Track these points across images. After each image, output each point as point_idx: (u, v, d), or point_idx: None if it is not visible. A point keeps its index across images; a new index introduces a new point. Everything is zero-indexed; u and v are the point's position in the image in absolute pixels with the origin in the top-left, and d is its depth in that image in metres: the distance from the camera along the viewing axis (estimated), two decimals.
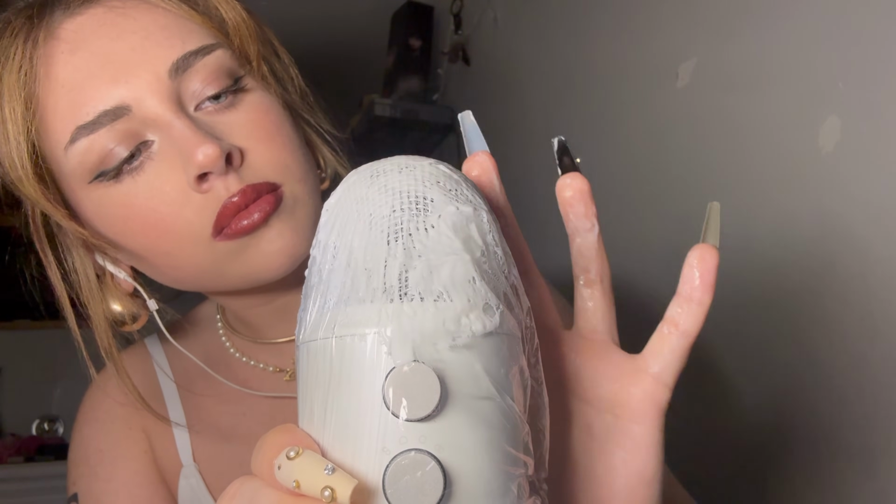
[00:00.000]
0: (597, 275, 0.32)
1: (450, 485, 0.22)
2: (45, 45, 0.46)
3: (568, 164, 0.31)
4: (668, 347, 0.31)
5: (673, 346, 0.31)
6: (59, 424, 2.32)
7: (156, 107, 0.46)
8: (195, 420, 0.58)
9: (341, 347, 0.23)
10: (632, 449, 0.31)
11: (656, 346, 0.31)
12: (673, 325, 0.31)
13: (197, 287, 0.53)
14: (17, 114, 0.45)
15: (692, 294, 0.30)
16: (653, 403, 0.31)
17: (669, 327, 0.31)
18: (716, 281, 0.29)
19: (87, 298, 0.52)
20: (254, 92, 0.50)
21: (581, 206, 0.31)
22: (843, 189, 0.76)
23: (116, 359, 0.53)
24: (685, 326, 0.30)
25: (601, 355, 0.33)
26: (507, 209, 0.32)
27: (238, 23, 0.50)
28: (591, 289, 0.33)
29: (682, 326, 0.30)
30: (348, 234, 0.25)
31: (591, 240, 0.32)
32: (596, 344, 0.33)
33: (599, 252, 0.32)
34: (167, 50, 0.46)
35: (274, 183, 0.47)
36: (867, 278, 0.73)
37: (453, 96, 1.84)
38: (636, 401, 0.31)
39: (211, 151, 0.44)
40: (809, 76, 0.81)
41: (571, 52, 1.30)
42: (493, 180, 0.31)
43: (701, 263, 0.29)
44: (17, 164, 0.46)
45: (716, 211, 0.31)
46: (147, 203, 0.46)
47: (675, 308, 0.31)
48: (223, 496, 0.24)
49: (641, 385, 0.31)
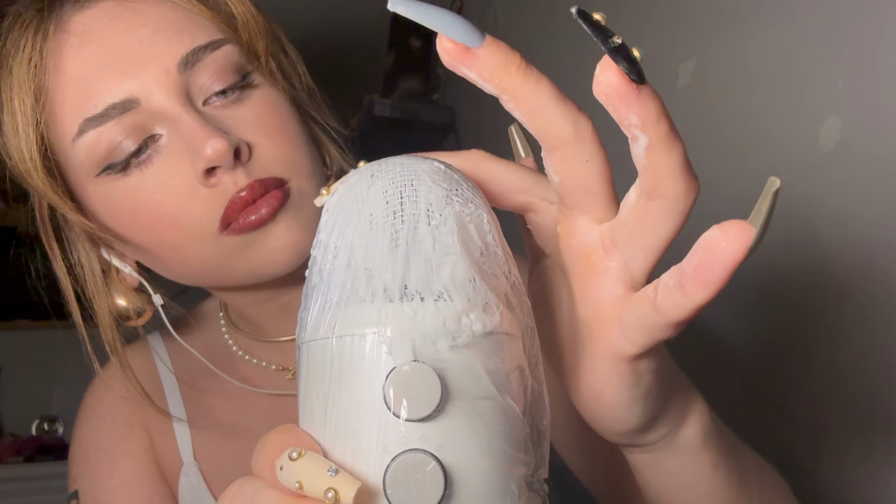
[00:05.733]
0: (643, 189, 0.25)
1: (450, 485, 0.22)
2: (55, 38, 0.47)
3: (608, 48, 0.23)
4: (643, 312, 0.26)
5: (648, 316, 0.25)
6: (59, 424, 2.32)
7: (164, 100, 0.46)
8: (196, 417, 0.58)
9: (341, 347, 0.23)
10: (592, 368, 0.29)
11: (636, 302, 0.26)
12: (653, 298, 0.25)
13: (203, 282, 0.53)
14: (26, 106, 0.46)
15: (682, 281, 0.23)
16: (612, 351, 0.28)
17: (653, 293, 0.25)
18: (727, 275, 0.22)
19: (93, 293, 0.53)
20: (261, 88, 0.50)
21: (612, 111, 0.24)
22: (843, 189, 0.76)
23: (121, 353, 0.53)
24: (663, 310, 0.24)
25: (597, 273, 0.28)
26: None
27: (247, 18, 0.50)
28: (634, 200, 0.26)
29: (661, 308, 0.25)
30: (349, 234, 0.25)
31: (635, 152, 0.25)
32: (601, 256, 0.28)
33: (647, 168, 0.24)
34: (176, 44, 0.47)
35: (281, 178, 0.48)
36: (867, 278, 0.73)
37: (453, 96, 1.84)
38: (601, 340, 0.28)
39: (219, 145, 0.44)
40: (809, 76, 0.81)
41: (571, 52, 1.30)
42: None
43: (708, 251, 0.22)
44: (25, 156, 0.46)
45: (771, 188, 0.23)
46: (154, 197, 0.46)
47: (665, 280, 0.24)
48: (223, 496, 0.24)
49: (608, 331, 0.28)
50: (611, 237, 0.27)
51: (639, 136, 0.24)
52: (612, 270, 0.27)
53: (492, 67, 0.24)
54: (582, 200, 0.27)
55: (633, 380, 0.29)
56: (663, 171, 0.24)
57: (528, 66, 0.25)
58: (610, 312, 0.27)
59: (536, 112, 0.25)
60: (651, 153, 0.24)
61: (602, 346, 0.28)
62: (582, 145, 0.26)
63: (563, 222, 0.29)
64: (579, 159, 0.26)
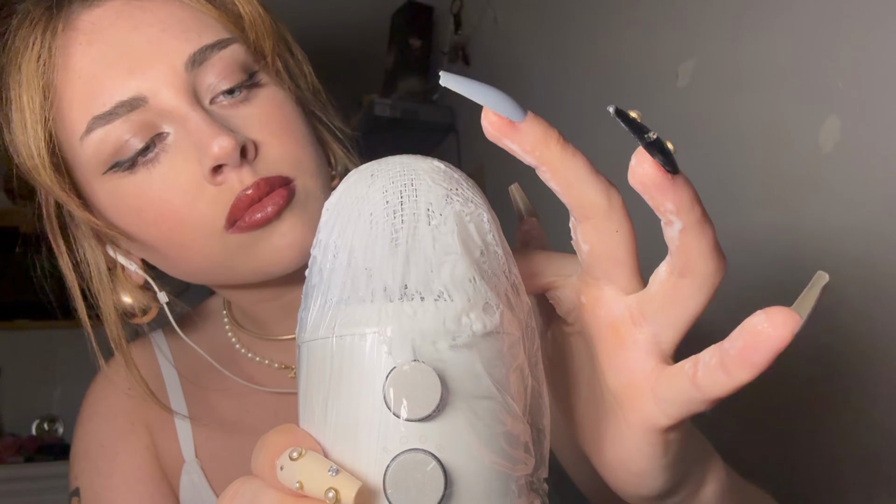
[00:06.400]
0: (674, 268, 0.26)
1: (450, 485, 0.22)
2: (64, 36, 0.47)
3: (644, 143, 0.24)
4: (680, 387, 0.26)
5: (685, 392, 0.26)
6: (59, 424, 2.32)
7: (171, 99, 0.46)
8: (199, 414, 0.58)
9: (342, 347, 0.23)
10: (620, 437, 0.30)
11: (673, 376, 0.27)
12: (693, 375, 0.25)
13: (208, 280, 0.53)
14: (34, 103, 0.46)
15: (725, 361, 0.24)
16: (646, 423, 0.28)
17: (692, 369, 0.25)
18: (771, 359, 0.23)
19: (98, 290, 0.53)
20: (268, 87, 0.50)
21: (648, 199, 0.25)
22: (843, 189, 0.76)
23: (126, 350, 0.53)
24: (704, 387, 0.25)
25: (627, 344, 0.29)
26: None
27: (254, 18, 0.51)
28: (665, 276, 0.27)
29: (701, 385, 0.25)
30: (349, 234, 0.25)
31: (669, 234, 0.25)
32: (630, 328, 0.29)
33: (680, 248, 0.25)
34: (184, 43, 0.47)
35: (287, 177, 0.48)
36: (867, 278, 0.73)
37: (453, 96, 1.83)
38: (632, 411, 0.29)
39: (226, 143, 0.44)
40: (809, 76, 0.81)
41: (571, 52, 1.30)
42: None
43: (754, 336, 0.23)
44: (33, 153, 0.46)
45: (820, 282, 0.24)
46: (161, 194, 0.47)
47: (706, 358, 0.25)
48: (223, 496, 0.24)
49: (641, 403, 0.28)
50: (640, 310, 0.28)
51: (674, 220, 0.25)
52: (641, 343, 0.28)
53: (533, 141, 0.25)
54: (609, 270, 0.28)
55: (663, 449, 0.29)
56: (695, 252, 0.25)
57: (566, 141, 0.26)
58: (643, 385, 0.28)
59: (572, 184, 0.26)
60: (684, 236, 0.25)
61: (634, 417, 0.28)
62: (613, 216, 0.27)
63: (588, 293, 0.30)
64: (610, 229, 0.27)
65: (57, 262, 0.53)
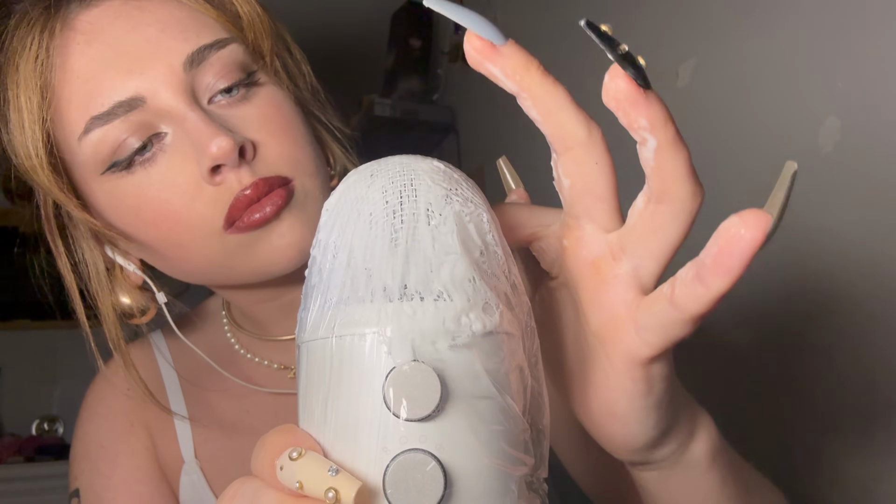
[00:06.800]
0: (651, 193, 0.26)
1: (450, 485, 0.22)
2: (62, 36, 0.47)
3: (616, 56, 0.24)
4: (659, 309, 0.26)
5: (665, 313, 0.26)
6: (59, 424, 2.32)
7: (170, 99, 0.46)
8: (198, 415, 0.58)
9: (341, 347, 0.23)
10: (604, 380, 0.30)
11: (652, 301, 0.26)
12: (671, 294, 0.25)
13: (206, 280, 0.53)
14: (32, 103, 0.46)
15: (700, 272, 0.23)
16: (628, 357, 0.28)
17: (669, 289, 0.25)
18: (746, 262, 0.22)
19: (97, 290, 0.53)
20: (266, 87, 0.50)
21: (621, 115, 0.25)
22: (843, 189, 0.76)
23: (124, 351, 0.53)
24: (682, 304, 0.25)
25: (607, 280, 0.28)
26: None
27: (252, 17, 0.51)
28: (643, 205, 0.27)
29: (679, 302, 0.25)
30: (348, 234, 0.25)
31: (644, 155, 0.25)
32: (610, 263, 0.28)
33: (655, 170, 0.25)
34: (182, 43, 0.47)
35: (285, 177, 0.48)
36: (867, 277, 0.73)
37: (453, 96, 1.84)
38: (614, 346, 0.28)
39: (225, 143, 0.44)
40: (809, 76, 0.81)
41: (571, 53, 1.30)
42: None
43: (728, 239, 0.22)
44: (31, 154, 0.46)
45: (788, 172, 0.24)
46: (159, 194, 0.47)
47: (682, 274, 0.25)
48: (223, 496, 0.24)
49: (623, 334, 0.28)
50: (619, 244, 0.28)
51: (648, 138, 0.25)
52: (622, 276, 0.28)
53: (514, 65, 0.26)
54: (589, 206, 0.28)
55: (647, 386, 0.29)
56: (671, 173, 0.25)
57: (546, 70, 0.26)
58: (624, 318, 0.28)
59: (552, 111, 0.26)
60: (660, 155, 0.25)
61: (615, 351, 0.28)
62: (593, 147, 0.27)
63: (570, 234, 0.30)
64: (590, 161, 0.27)
65: (55, 263, 0.53)
